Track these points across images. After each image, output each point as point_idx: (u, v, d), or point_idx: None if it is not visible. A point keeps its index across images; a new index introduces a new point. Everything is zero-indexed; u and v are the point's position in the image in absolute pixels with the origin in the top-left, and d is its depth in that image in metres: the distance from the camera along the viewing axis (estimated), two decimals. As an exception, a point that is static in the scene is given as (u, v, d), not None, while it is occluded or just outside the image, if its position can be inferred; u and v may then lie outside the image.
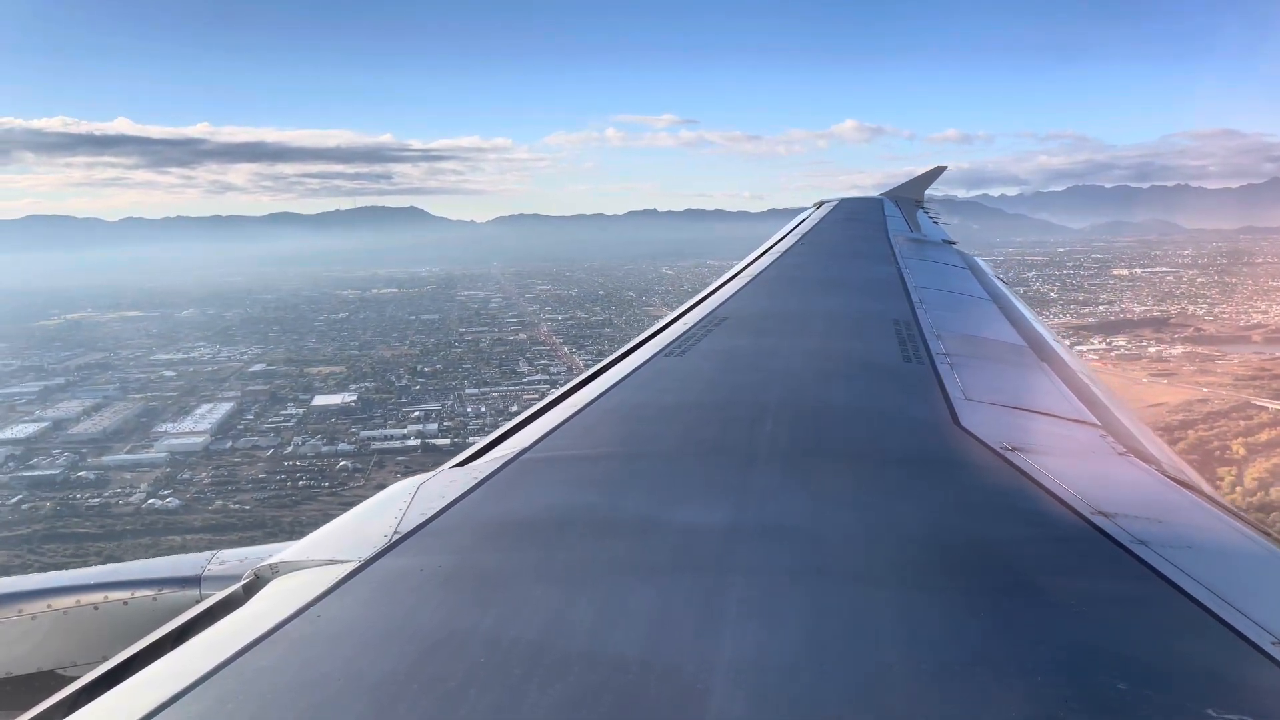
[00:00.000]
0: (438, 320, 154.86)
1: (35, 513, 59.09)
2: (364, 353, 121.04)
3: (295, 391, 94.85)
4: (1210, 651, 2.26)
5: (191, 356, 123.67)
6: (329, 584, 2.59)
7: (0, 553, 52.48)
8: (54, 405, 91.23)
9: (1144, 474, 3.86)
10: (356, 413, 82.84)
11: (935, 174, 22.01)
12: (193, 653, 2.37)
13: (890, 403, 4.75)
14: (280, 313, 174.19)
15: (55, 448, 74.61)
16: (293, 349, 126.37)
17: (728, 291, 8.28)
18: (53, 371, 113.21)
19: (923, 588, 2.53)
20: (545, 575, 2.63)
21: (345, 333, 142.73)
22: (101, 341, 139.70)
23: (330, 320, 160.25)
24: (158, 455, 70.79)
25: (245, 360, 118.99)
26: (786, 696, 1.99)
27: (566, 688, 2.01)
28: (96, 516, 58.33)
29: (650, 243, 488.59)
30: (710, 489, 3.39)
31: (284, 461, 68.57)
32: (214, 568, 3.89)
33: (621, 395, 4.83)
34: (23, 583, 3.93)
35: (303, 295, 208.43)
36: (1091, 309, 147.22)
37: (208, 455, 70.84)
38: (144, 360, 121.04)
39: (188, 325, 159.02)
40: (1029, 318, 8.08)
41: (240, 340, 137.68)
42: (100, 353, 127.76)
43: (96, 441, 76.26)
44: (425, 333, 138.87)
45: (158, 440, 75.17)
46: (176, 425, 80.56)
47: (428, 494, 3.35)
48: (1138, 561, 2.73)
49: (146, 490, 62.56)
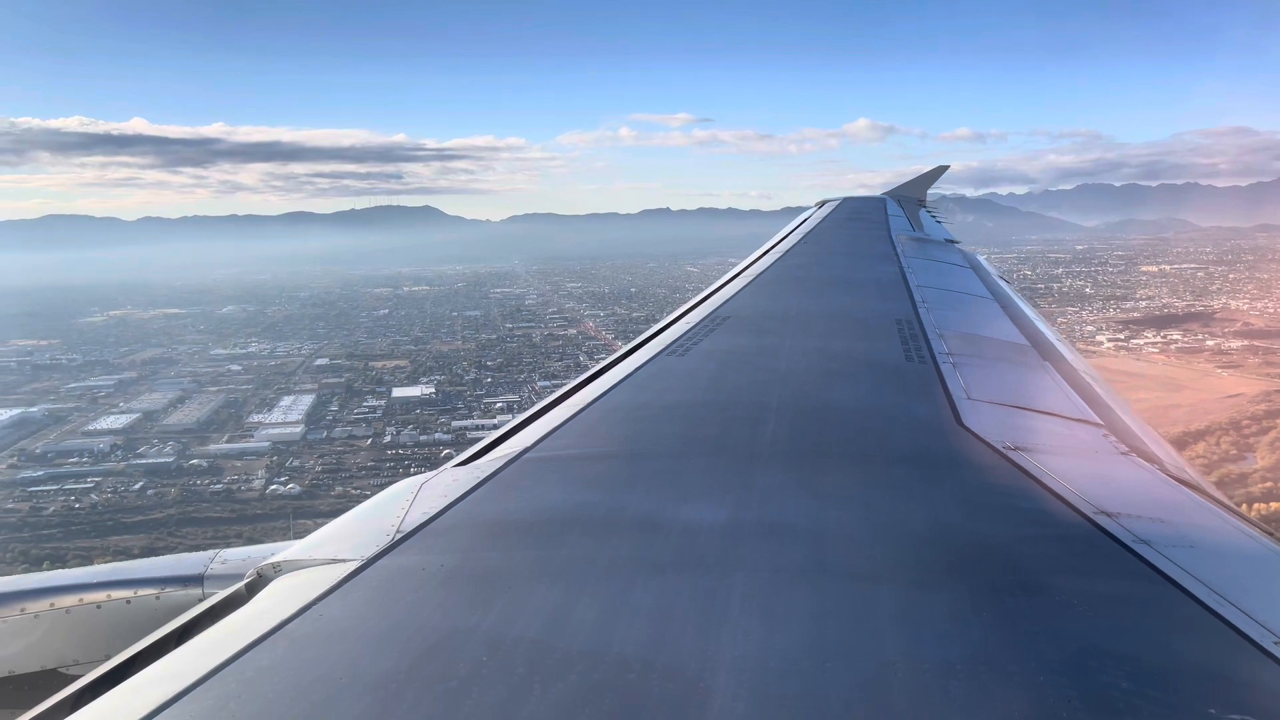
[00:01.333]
0: (480, 317, 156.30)
1: (162, 498, 60.69)
2: (420, 348, 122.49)
3: (367, 385, 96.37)
4: (1212, 651, 2.27)
5: (249, 351, 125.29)
6: (331, 583, 2.60)
7: (140, 536, 54.11)
8: (136, 398, 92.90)
9: (1146, 474, 3.86)
10: (438, 404, 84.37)
11: (938, 173, 22.29)
12: (195, 651, 2.37)
13: (893, 402, 4.74)
14: (318, 309, 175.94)
15: (154, 437, 76.24)
16: (348, 344, 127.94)
17: (730, 291, 8.23)
18: (119, 366, 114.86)
19: (925, 587, 2.55)
20: (547, 574, 2.64)
21: (393, 329, 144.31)
22: (154, 337, 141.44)
23: (373, 317, 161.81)
24: (260, 444, 72.36)
25: (304, 355, 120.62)
26: (790, 695, 2.00)
27: (569, 687, 2.02)
28: (223, 502, 59.93)
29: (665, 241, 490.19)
30: (712, 488, 3.39)
31: (386, 450, 70.10)
32: (217, 567, 3.88)
33: (623, 395, 4.82)
34: (25, 581, 3.95)
35: (335, 293, 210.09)
36: (1132, 304, 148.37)
37: (308, 444, 72.37)
38: (204, 355, 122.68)
39: (232, 322, 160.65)
40: (1031, 317, 8.07)
41: (290, 336, 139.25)
42: (156, 348, 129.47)
43: (192, 431, 77.87)
44: (472, 329, 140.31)
45: (256, 430, 76.75)
46: (266, 416, 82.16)
47: (430, 493, 3.36)
48: (1140, 561, 2.74)
49: (264, 477, 64.17)
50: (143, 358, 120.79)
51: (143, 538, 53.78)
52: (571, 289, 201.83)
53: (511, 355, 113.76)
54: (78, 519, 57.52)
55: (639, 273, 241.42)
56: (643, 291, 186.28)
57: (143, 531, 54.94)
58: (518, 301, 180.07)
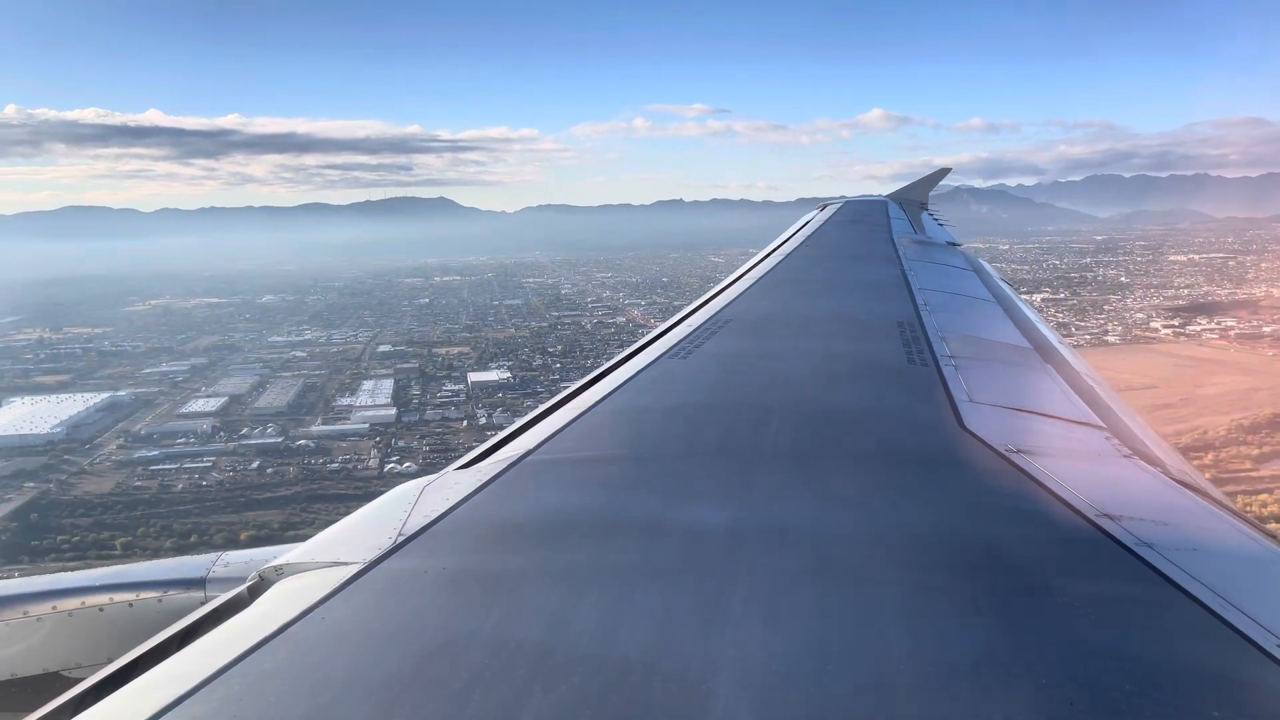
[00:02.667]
0: (521, 305, 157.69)
1: (283, 477, 62.38)
2: (474, 335, 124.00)
3: (439, 370, 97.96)
4: (1215, 654, 2.27)
5: (306, 339, 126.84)
6: (334, 586, 2.61)
7: (274, 512, 55.82)
8: (215, 383, 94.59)
9: (1149, 476, 3.85)
10: (518, 388, 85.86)
11: (940, 175, 22.17)
12: (198, 654, 2.38)
13: (895, 405, 4.75)
14: (357, 299, 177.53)
15: (248, 420, 77.94)
16: (402, 332, 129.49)
17: (732, 293, 8.24)
18: (184, 353, 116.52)
19: (928, 590, 2.55)
20: (550, 577, 2.65)
21: (440, 317, 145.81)
22: (205, 325, 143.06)
23: (416, 306, 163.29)
24: (359, 426, 74.03)
25: (362, 342, 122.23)
26: (794, 699, 2.00)
27: (572, 690, 2.02)
28: (344, 480, 61.57)
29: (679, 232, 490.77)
30: (715, 491, 3.40)
31: (485, 431, 71.68)
32: (219, 569, 3.88)
33: (626, 397, 4.82)
34: (28, 584, 3.96)
35: (368, 283, 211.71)
36: (1173, 292, 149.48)
37: (405, 426, 74.03)
38: (263, 342, 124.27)
39: (275, 310, 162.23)
40: (1033, 320, 8.05)
41: (340, 324, 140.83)
42: (212, 335, 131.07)
43: (284, 415, 79.56)
44: (519, 317, 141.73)
45: (349, 413, 78.41)
46: (354, 400, 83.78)
47: (432, 496, 3.36)
48: (1142, 564, 2.74)
49: (377, 456, 65.84)
50: (203, 345, 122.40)
51: (277, 513, 55.48)
52: (602, 279, 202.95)
53: (570, 342, 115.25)
54: (208, 496, 59.23)
55: (664, 263, 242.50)
56: (675, 281, 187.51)
57: (275, 507, 56.64)
58: (553, 291, 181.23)
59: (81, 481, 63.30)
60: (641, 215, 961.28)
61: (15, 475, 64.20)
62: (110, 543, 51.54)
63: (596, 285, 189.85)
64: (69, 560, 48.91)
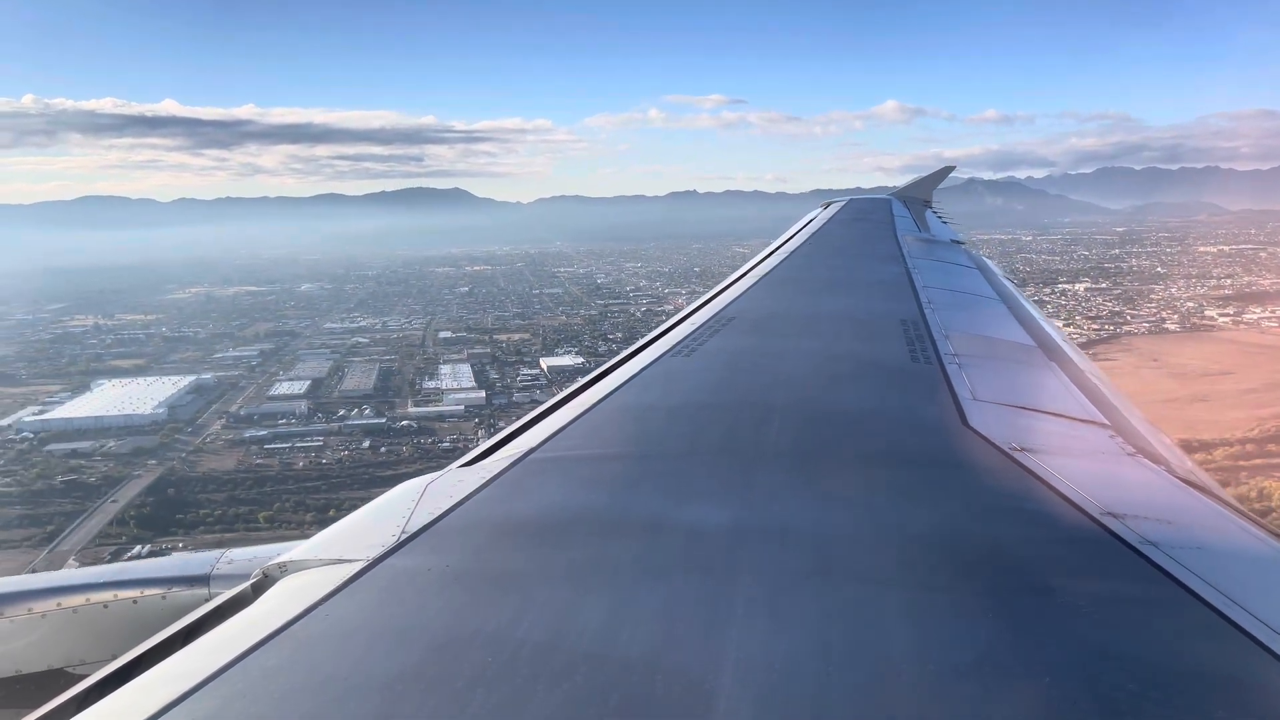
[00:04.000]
0: (563, 294, 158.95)
1: (397, 455, 63.82)
2: (528, 322, 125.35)
3: (510, 355, 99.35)
4: (1220, 653, 2.27)
5: (362, 325, 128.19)
6: (337, 583, 2.62)
7: (397, 488, 57.18)
8: (292, 367, 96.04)
9: (1154, 475, 3.84)
10: (591, 372, 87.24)
11: (944, 174, 22.19)
12: (201, 651, 2.39)
13: (898, 403, 4.75)
14: (395, 287, 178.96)
15: (339, 402, 79.38)
16: (455, 318, 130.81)
17: (735, 291, 8.22)
18: (246, 339, 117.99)
19: (931, 589, 2.55)
20: (553, 575, 2.66)
21: (486, 305, 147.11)
22: (255, 312, 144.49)
23: (457, 294, 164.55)
24: (454, 408, 75.44)
25: (420, 328, 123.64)
26: (798, 698, 2.00)
27: (575, 688, 2.02)
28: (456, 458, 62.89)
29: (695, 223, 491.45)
30: (718, 489, 3.40)
31: (580, 413, 73.05)
32: (223, 567, 3.89)
33: (629, 395, 4.81)
34: (32, 581, 3.98)
35: (400, 272, 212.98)
36: (1215, 282, 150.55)
37: (499, 408, 75.36)
38: (320, 328, 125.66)
39: (317, 298, 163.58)
40: (1037, 318, 8.05)
41: (388, 311, 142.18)
42: (267, 322, 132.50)
43: (372, 397, 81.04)
44: (564, 305, 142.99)
45: (439, 396, 79.87)
46: (439, 383, 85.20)
47: (436, 493, 3.36)
48: (1147, 563, 2.74)
49: (483, 435, 67.17)
50: (261, 330, 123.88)
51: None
52: (632, 269, 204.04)
53: (627, 329, 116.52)
54: (331, 473, 60.68)
55: (688, 254, 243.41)
56: (707, 270, 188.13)
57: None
58: (588, 280, 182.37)
59: (202, 459, 64.77)
60: (655, 206, 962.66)
61: (135, 453, 65.75)
62: (252, 516, 53.00)
63: (630, 275, 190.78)
64: (219, 531, 50.49)
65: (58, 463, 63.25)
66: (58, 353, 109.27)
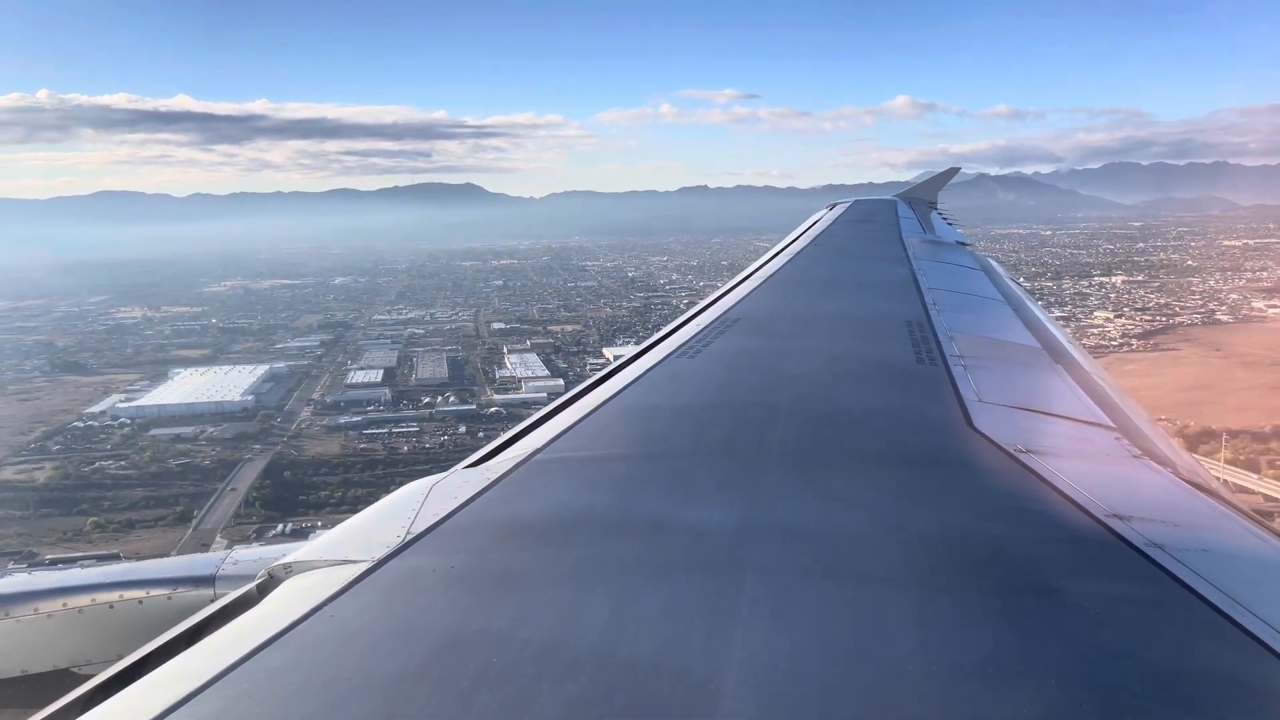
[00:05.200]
0: (597, 287, 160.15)
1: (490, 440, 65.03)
2: (574, 313, 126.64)
3: (571, 345, 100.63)
4: (1225, 655, 2.27)
5: (410, 317, 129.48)
6: (342, 584, 2.62)
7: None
8: (359, 357, 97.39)
9: (1159, 477, 3.85)
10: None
11: (949, 175, 22.25)
12: (207, 652, 2.40)
13: (903, 404, 4.77)
14: (428, 280, 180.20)
15: (419, 390, 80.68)
16: (500, 311, 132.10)
17: (741, 292, 8.19)
18: (300, 329, 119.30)
19: (936, 590, 2.55)
20: (558, 576, 2.66)
21: (525, 297, 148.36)
22: (298, 305, 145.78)
23: (491, 286, 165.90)
24: (536, 395, 76.52)
25: (468, 319, 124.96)
26: (801, 698, 2.00)
27: (579, 689, 2.02)
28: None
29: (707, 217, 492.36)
30: (723, 490, 3.41)
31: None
32: (228, 567, 3.90)
33: (634, 396, 4.83)
34: (38, 581, 3.99)
35: (428, 266, 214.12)
36: (1250, 275, 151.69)
37: (578, 395, 76.68)
38: (369, 320, 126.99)
39: (357, 291, 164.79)
40: (1043, 319, 8.04)
41: (431, 304, 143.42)
42: (314, 314, 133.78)
43: (449, 385, 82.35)
44: (603, 297, 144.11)
45: (518, 384, 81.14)
46: (512, 372, 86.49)
47: (441, 494, 3.37)
48: (1153, 565, 2.74)
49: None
50: (312, 322, 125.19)
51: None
52: (659, 262, 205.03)
53: (671, 319, 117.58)
54: (438, 457, 61.80)
55: (710, 248, 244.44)
56: (736, 264, 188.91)
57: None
58: (619, 274, 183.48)
59: (305, 444, 66.14)
60: (667, 201, 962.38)
61: (239, 438, 67.13)
62: (372, 498, 53.25)
63: (659, 269, 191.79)
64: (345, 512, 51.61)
65: (165, 447, 64.68)
66: (120, 343, 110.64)
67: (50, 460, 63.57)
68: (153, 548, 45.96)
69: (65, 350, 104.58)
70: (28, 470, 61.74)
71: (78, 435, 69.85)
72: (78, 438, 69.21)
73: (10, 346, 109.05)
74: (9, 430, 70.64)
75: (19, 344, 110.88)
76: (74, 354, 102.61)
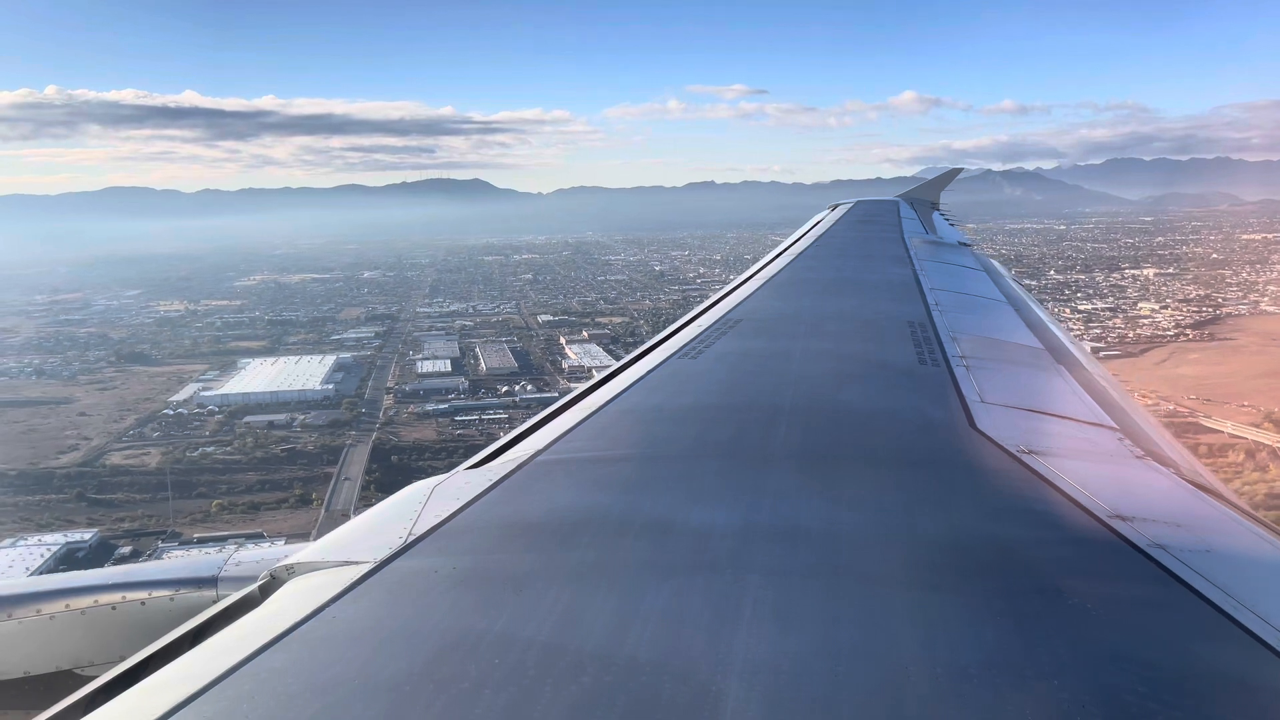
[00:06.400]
0: (627, 280, 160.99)
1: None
2: (615, 306, 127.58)
3: (627, 336, 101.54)
4: (1228, 656, 2.27)
5: (453, 310, 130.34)
6: (344, 585, 2.61)
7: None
8: (419, 348, 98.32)
9: (1162, 477, 3.85)
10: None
11: (951, 176, 22.33)
12: (209, 653, 2.39)
13: (906, 405, 4.74)
14: (456, 275, 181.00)
15: (493, 379, 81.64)
16: (541, 303, 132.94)
17: (743, 293, 8.22)
18: (348, 322, 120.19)
19: (939, 590, 2.55)
20: (560, 577, 2.65)
21: (559, 290, 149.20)
22: (337, 298, 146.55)
23: (522, 280, 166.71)
24: (609, 383, 77.70)
25: (511, 312, 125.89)
26: (804, 699, 2.00)
27: (582, 689, 2.02)
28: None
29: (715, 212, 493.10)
30: (726, 491, 3.41)
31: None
32: (231, 568, 3.88)
33: (636, 397, 4.82)
34: (41, 583, 3.97)
35: (451, 260, 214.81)
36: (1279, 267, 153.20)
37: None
38: (413, 312, 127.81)
39: (389, 285, 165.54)
40: (1045, 320, 8.06)
41: (468, 297, 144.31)
42: (355, 307, 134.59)
43: (519, 374, 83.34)
44: (638, 291, 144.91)
45: (593, 372, 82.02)
46: (579, 361, 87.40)
47: (443, 495, 3.36)
48: (1155, 565, 2.73)
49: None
50: (356, 315, 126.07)
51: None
52: (681, 257, 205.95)
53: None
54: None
55: (725, 242, 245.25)
56: (757, 258, 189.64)
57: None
58: (645, 268, 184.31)
59: (399, 431, 67.14)
60: (674, 197, 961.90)
61: (332, 424, 68.18)
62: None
63: (684, 263, 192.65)
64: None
65: (263, 434, 65.72)
66: (175, 335, 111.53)
67: (154, 446, 64.70)
68: (289, 527, 47.01)
69: (122, 342, 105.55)
70: (135, 456, 62.92)
71: (171, 422, 71.05)
72: (172, 425, 70.42)
73: (66, 339, 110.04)
74: (102, 418, 71.84)
75: (72, 336, 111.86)
76: (132, 345, 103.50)
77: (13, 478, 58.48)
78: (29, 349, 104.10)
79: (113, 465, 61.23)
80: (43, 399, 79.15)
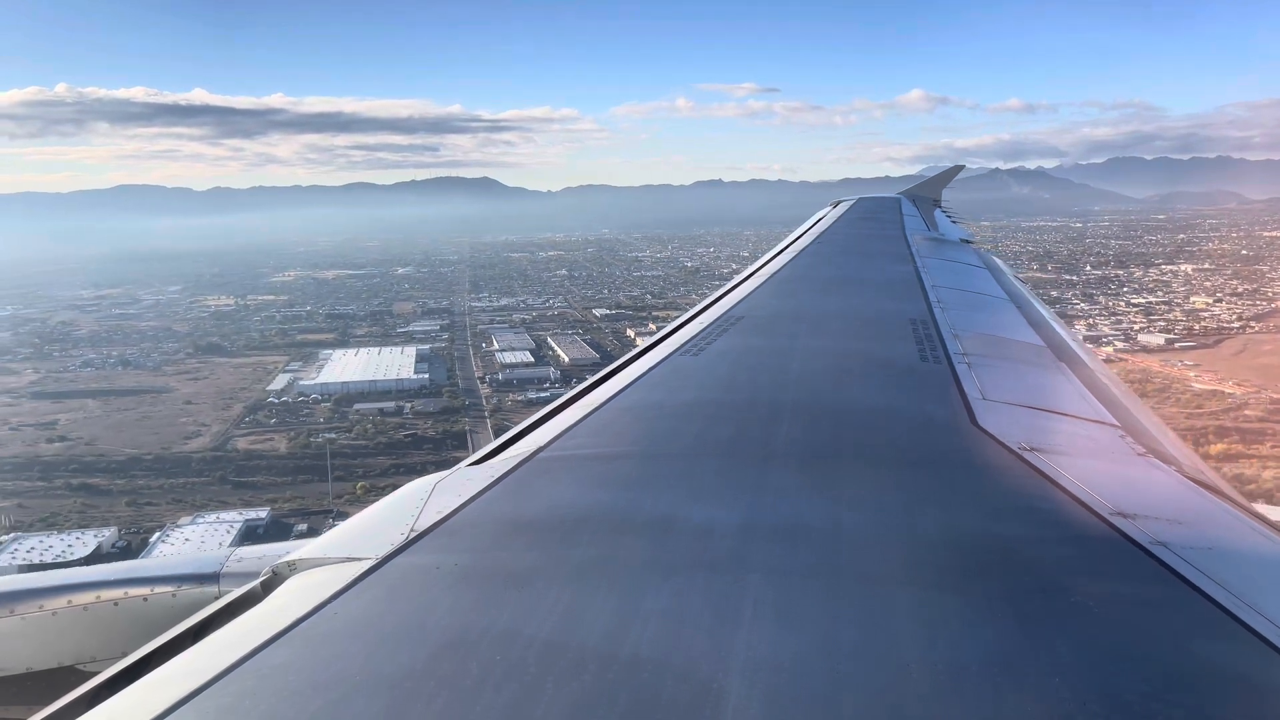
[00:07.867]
0: (661, 276, 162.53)
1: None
2: (661, 299, 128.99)
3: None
4: (1230, 654, 2.26)
5: (504, 304, 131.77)
6: (346, 581, 2.61)
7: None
8: (490, 340, 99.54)
9: (1164, 475, 3.83)
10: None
11: (953, 173, 22.36)
12: (211, 649, 2.39)
13: (907, 402, 4.73)
14: (488, 271, 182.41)
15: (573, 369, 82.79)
16: (590, 298, 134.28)
17: (744, 290, 8.17)
18: (406, 316, 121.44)
19: (940, 589, 2.54)
20: (561, 574, 2.65)
21: (601, 285, 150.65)
22: (381, 293, 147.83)
23: (558, 276, 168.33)
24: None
25: (563, 306, 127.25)
26: (804, 697, 1.99)
27: (583, 686, 2.02)
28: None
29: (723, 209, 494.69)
30: (727, 488, 3.40)
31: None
32: (233, 564, 3.86)
33: (637, 394, 4.82)
34: (44, 579, 3.96)
35: (477, 258, 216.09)
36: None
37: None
38: (465, 306, 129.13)
39: (429, 280, 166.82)
40: (1047, 317, 8.05)
41: (511, 292, 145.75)
42: (404, 302, 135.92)
43: (599, 364, 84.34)
44: (681, 285, 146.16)
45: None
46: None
47: (444, 492, 3.35)
48: (1157, 563, 2.72)
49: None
50: (409, 310, 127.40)
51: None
52: (708, 253, 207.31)
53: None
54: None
55: (744, 239, 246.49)
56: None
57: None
58: (675, 264, 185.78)
59: (510, 417, 68.22)
60: (683, 195, 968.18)
61: (444, 411, 69.45)
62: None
63: (714, 259, 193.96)
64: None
65: (378, 420, 67.03)
66: (239, 329, 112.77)
67: (274, 432, 66.08)
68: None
69: (190, 336, 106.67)
70: (261, 441, 64.27)
71: (281, 410, 72.24)
72: (284, 412, 71.62)
73: (132, 332, 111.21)
74: (209, 406, 73.04)
75: (135, 329, 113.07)
76: (203, 338, 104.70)
77: (150, 462, 59.73)
78: (99, 341, 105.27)
79: (244, 450, 62.42)
80: (140, 388, 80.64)
